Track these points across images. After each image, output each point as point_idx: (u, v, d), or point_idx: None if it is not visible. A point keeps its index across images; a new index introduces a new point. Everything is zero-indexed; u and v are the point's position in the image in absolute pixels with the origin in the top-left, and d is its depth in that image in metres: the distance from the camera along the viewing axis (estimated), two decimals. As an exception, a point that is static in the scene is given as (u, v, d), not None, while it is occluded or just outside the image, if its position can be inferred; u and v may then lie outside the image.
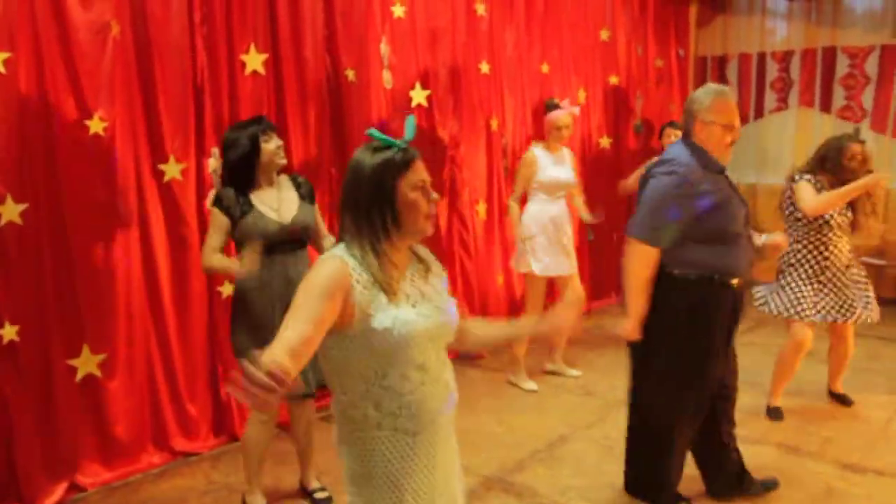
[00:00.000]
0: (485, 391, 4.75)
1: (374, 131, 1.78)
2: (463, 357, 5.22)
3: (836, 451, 3.79)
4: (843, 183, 3.89)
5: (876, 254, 6.72)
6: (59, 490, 3.36)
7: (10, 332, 3.18)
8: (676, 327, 2.96)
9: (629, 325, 2.96)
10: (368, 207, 1.69)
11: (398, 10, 4.66)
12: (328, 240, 3.23)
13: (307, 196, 3.17)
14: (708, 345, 3.00)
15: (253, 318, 3.02)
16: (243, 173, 3.02)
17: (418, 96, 4.82)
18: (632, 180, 5.17)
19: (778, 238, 3.28)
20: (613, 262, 4.71)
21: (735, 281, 2.96)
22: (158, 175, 3.63)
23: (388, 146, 1.73)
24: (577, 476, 3.57)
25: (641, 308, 2.94)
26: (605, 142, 6.54)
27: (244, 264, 2.89)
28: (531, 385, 4.78)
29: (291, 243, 3.08)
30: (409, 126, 1.80)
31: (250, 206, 3.00)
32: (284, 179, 3.15)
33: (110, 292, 3.48)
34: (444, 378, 1.81)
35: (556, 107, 4.68)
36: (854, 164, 3.96)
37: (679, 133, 5.42)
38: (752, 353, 5.27)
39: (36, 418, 3.29)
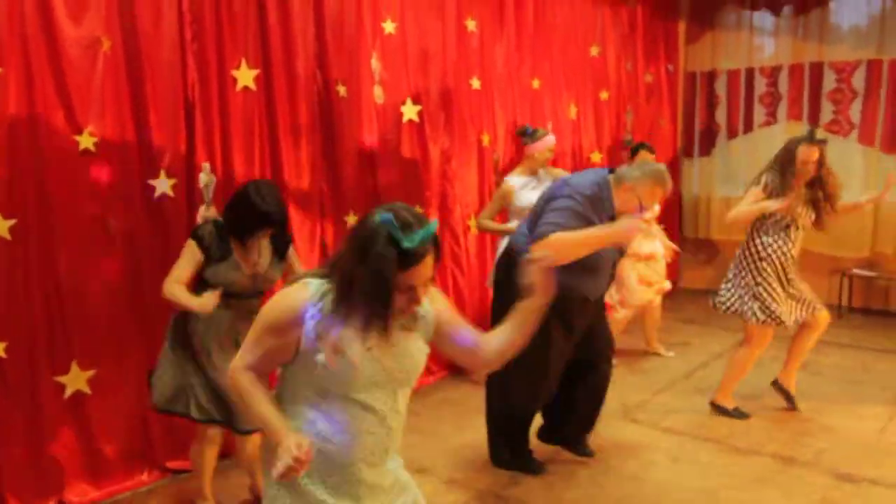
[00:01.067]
0: (477, 405, 4.70)
1: (388, 219, 1.71)
2: (454, 371, 5.20)
3: (831, 461, 3.78)
4: (807, 185, 4.09)
5: (866, 265, 6.76)
6: (47, 509, 3.31)
7: (-3, 348, 3.15)
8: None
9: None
10: (359, 290, 1.71)
11: (389, 27, 4.68)
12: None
13: (280, 252, 3.24)
14: (548, 340, 3.32)
15: (190, 348, 3.11)
16: (241, 232, 3.08)
17: (409, 112, 4.84)
18: None
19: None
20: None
21: (586, 298, 3.47)
22: (149, 190, 3.61)
23: (397, 243, 1.69)
24: (571, 489, 3.54)
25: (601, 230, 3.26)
26: (597, 157, 6.57)
27: (204, 306, 2.95)
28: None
29: (251, 293, 3.18)
30: (429, 230, 1.73)
31: (229, 252, 3.08)
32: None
33: (99, 308, 3.46)
34: (391, 426, 1.87)
35: (534, 135, 4.74)
36: (809, 166, 4.02)
37: (653, 157, 5.53)
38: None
39: (23, 435, 3.25)
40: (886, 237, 6.67)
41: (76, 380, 3.40)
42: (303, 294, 1.79)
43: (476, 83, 5.33)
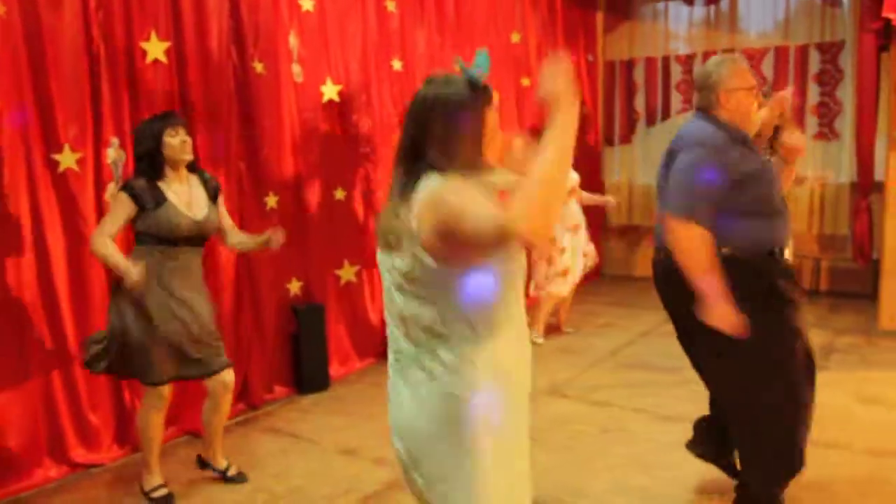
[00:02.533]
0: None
1: (462, 64, 1.77)
2: (382, 357, 5.12)
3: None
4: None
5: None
6: (-57, 508, 3.07)
7: None
8: (749, 312, 2.54)
9: (719, 313, 2.52)
10: (464, 137, 1.72)
11: (307, 4, 4.57)
12: (237, 235, 3.35)
13: (214, 195, 3.23)
14: (787, 323, 2.70)
15: (145, 307, 3.01)
16: (150, 166, 3.04)
17: (330, 91, 4.73)
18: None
19: (795, 138, 3.21)
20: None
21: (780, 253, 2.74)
22: (52, 165, 3.40)
23: (472, 80, 1.75)
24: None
25: (718, 288, 2.52)
26: (519, 143, 6.57)
27: (137, 275, 2.88)
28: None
29: (197, 240, 3.14)
30: (484, 60, 1.78)
31: (164, 198, 3.02)
32: (192, 177, 3.18)
33: (1, 289, 3.23)
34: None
35: None
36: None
37: None
38: (671, 343, 5.37)
39: (-86, 429, 3.01)
40: (798, 217, 6.92)
41: (-27, 367, 3.17)
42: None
43: (397, 64, 5.27)
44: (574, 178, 5.69)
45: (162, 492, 3.20)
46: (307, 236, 4.67)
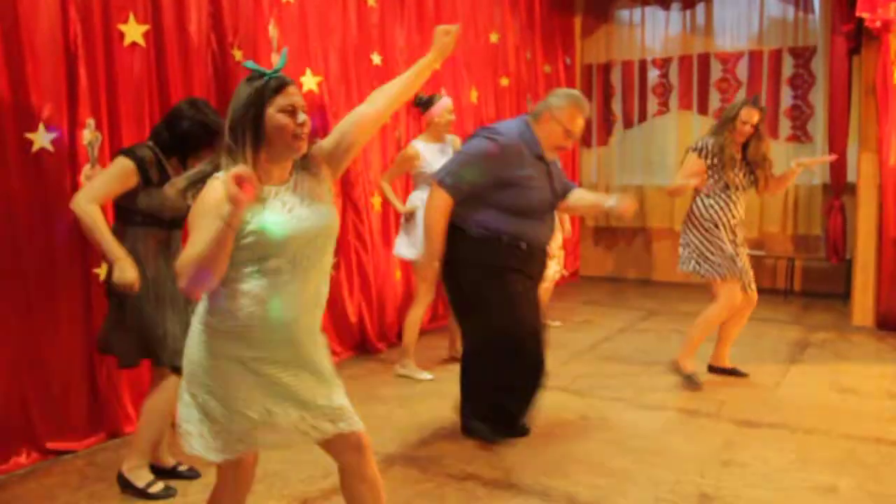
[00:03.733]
0: (385, 381, 4.61)
1: (249, 63, 2.02)
2: (360, 352, 5.11)
3: (732, 411, 3.88)
4: (736, 146, 4.15)
5: (754, 246, 7.08)
6: None
7: None
8: (479, 280, 3.33)
9: (426, 264, 3.47)
10: (242, 130, 1.89)
11: (287, -6, 4.57)
12: None
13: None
14: (511, 291, 3.33)
15: (155, 285, 2.95)
16: (180, 146, 2.98)
17: (309, 82, 4.72)
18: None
19: (625, 203, 3.38)
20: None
21: (524, 245, 3.33)
22: (26, 145, 3.34)
23: (261, 75, 1.94)
24: (483, 448, 3.47)
25: (437, 250, 3.34)
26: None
27: (132, 275, 2.82)
28: (425, 375, 4.64)
29: (182, 224, 3.04)
30: (282, 57, 2.04)
31: (167, 176, 2.92)
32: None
33: (-31, 271, 3.16)
34: (316, 280, 2.00)
35: (430, 101, 4.66)
36: (747, 126, 4.13)
37: None
38: (647, 339, 5.42)
39: None
40: (772, 218, 7.02)
41: (-59, 348, 3.09)
42: (218, 181, 1.87)
43: (377, 58, 5.27)
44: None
45: (159, 486, 3.03)
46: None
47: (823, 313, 6.21)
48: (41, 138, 3.36)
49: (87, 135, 3.53)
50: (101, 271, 3.59)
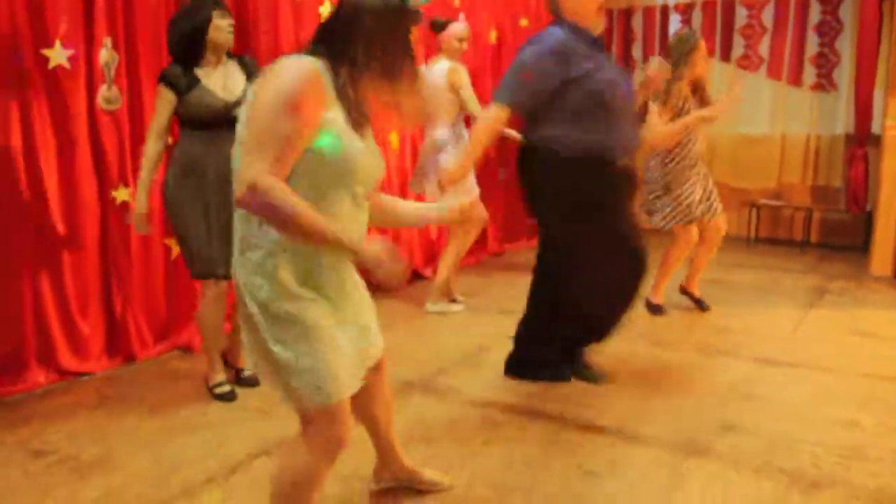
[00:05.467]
0: (404, 315, 4.59)
1: None
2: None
3: (750, 351, 3.84)
4: (688, 80, 4.16)
5: (773, 196, 6.98)
6: (-73, 405, 2.98)
7: None
8: (577, 209, 3.00)
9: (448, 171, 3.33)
10: (368, 49, 1.67)
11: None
12: None
13: (253, 75, 3.11)
14: (613, 220, 3.05)
15: (194, 197, 3.04)
16: (191, 49, 3.01)
17: (328, 11, 4.60)
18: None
19: (653, 65, 3.28)
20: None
21: (620, 161, 3.01)
22: (42, 61, 3.28)
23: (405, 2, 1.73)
24: (500, 377, 3.46)
25: (461, 174, 3.26)
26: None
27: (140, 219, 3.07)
28: (457, 307, 4.70)
29: (234, 122, 2.91)
30: None
31: (196, 80, 3.01)
32: (231, 62, 3.15)
33: (-15, 186, 3.12)
34: (363, 220, 1.82)
35: (445, 24, 4.53)
36: (705, 61, 4.19)
37: None
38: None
39: None
40: (792, 168, 6.91)
41: (-41, 263, 3.07)
42: (316, 69, 1.62)
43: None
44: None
45: (225, 388, 3.22)
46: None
47: (841, 263, 6.13)
48: (58, 55, 3.30)
49: (105, 55, 3.47)
50: (118, 194, 3.55)
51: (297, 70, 1.58)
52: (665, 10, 7.42)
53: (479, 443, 2.77)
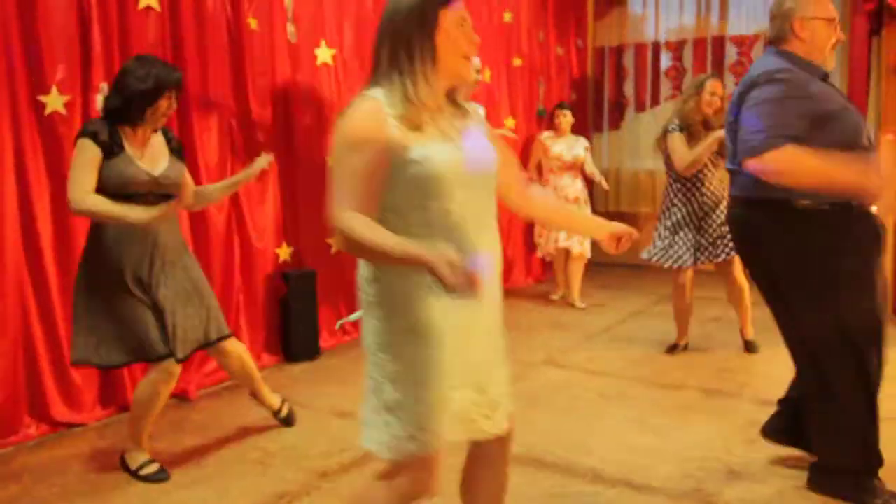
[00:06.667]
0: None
1: None
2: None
3: (753, 392, 3.80)
4: (703, 123, 4.19)
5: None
6: (-85, 461, 2.90)
7: None
8: (822, 272, 2.47)
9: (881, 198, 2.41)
10: (407, 38, 1.61)
11: (301, -37, 4.47)
12: (198, 193, 3.06)
13: (177, 151, 2.95)
14: (864, 283, 2.51)
15: (107, 271, 2.76)
16: (127, 111, 2.74)
17: (324, 55, 4.62)
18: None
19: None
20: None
21: (874, 207, 2.51)
22: (39, 107, 3.26)
23: None
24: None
25: (860, 170, 2.31)
26: (510, 122, 6.52)
27: (146, 213, 2.66)
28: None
29: (154, 198, 2.79)
30: None
31: (121, 147, 2.74)
32: (156, 134, 2.89)
33: (-21, 235, 3.07)
34: (487, 225, 1.72)
35: None
36: (715, 98, 4.21)
37: (569, 112, 5.78)
38: (661, 322, 5.34)
39: None
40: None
41: (-49, 314, 3.01)
42: (373, 100, 1.61)
43: (392, 33, 5.16)
44: (579, 153, 5.72)
45: (153, 467, 2.92)
46: (298, 201, 4.55)
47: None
48: (54, 101, 3.28)
49: (101, 100, 3.44)
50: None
51: (352, 109, 1.62)
52: (656, 48, 7.49)
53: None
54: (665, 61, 7.48)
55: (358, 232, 1.52)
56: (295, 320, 4.39)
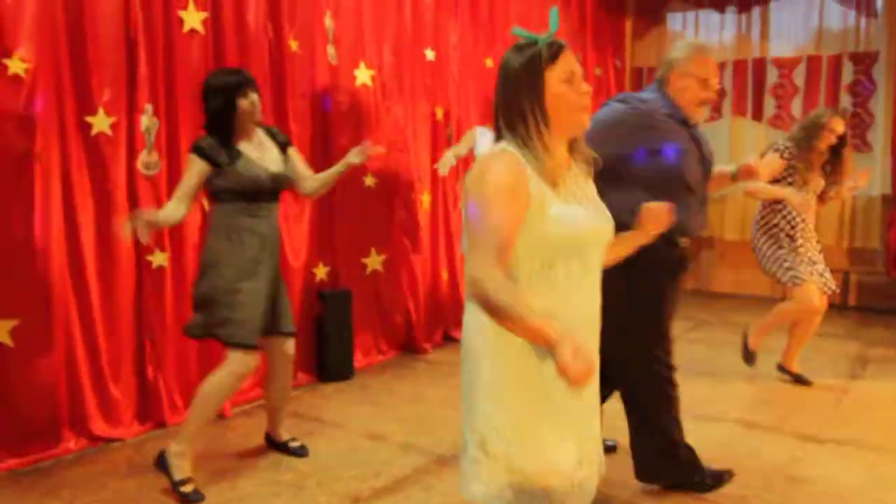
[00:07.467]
0: (429, 379, 4.52)
1: (518, 29, 1.71)
2: (406, 350, 5.04)
3: (795, 425, 3.72)
4: (816, 153, 4.17)
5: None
6: (-42, 473, 2.95)
7: None
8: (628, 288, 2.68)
9: None
10: (518, 104, 1.63)
11: (343, -15, 4.52)
12: (314, 179, 3.28)
13: (284, 147, 3.19)
14: (660, 306, 2.84)
15: (243, 261, 2.99)
16: (225, 124, 2.99)
17: (363, 75, 4.66)
18: None
19: (750, 161, 3.16)
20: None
21: (684, 240, 2.82)
22: (85, 128, 3.32)
23: (534, 42, 1.66)
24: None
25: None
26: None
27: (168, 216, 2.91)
28: None
29: (274, 194, 3.11)
30: (553, 18, 1.71)
31: (238, 153, 2.99)
32: (261, 133, 3.13)
33: (26, 253, 3.13)
34: (596, 287, 1.72)
35: None
36: (833, 135, 4.15)
37: None
38: (699, 349, 5.27)
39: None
40: (827, 229, 6.80)
41: (-4, 328, 3.07)
42: (511, 154, 1.62)
43: (430, 54, 5.19)
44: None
45: (189, 486, 2.92)
46: (335, 221, 4.57)
47: (882, 328, 5.98)
48: (101, 122, 3.35)
49: (145, 121, 3.51)
50: (154, 258, 3.56)
51: (491, 162, 1.62)
52: (695, 69, 7.42)
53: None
54: (704, 83, 7.40)
55: (493, 292, 1.46)
56: (329, 340, 4.41)
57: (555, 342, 1.35)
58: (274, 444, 3.40)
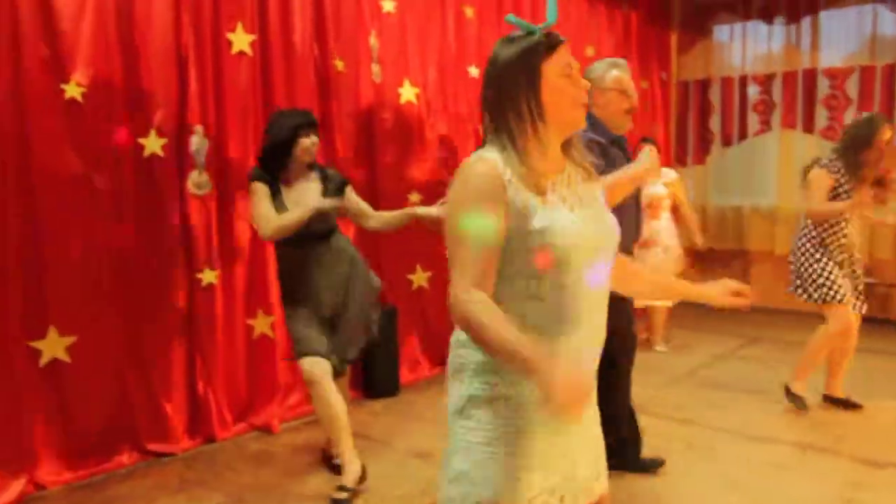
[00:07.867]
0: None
1: (512, 17, 1.58)
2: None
3: (851, 447, 3.60)
4: (864, 166, 3.89)
5: (864, 273, 6.65)
6: (16, 487, 3.02)
7: (-32, 305, 2.90)
8: None
9: None
10: (512, 99, 1.49)
11: (388, 5, 4.56)
12: (376, 218, 3.37)
13: (333, 190, 3.20)
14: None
15: (302, 294, 3.15)
16: (276, 161, 3.09)
17: (407, 93, 4.69)
18: None
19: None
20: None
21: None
22: (138, 149, 3.41)
23: (530, 32, 1.52)
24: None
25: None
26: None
27: (318, 202, 3.04)
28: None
29: (313, 233, 3.11)
30: (552, 7, 1.55)
31: (279, 192, 3.09)
32: (313, 173, 3.20)
33: (81, 271, 3.22)
34: (600, 301, 1.55)
35: None
36: (885, 146, 3.92)
37: (655, 147, 5.68)
38: (750, 367, 5.15)
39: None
40: (883, 243, 6.61)
41: (54, 346, 3.16)
42: (487, 161, 1.46)
43: (474, 71, 5.21)
44: (661, 191, 5.51)
45: (342, 493, 3.00)
46: (380, 237, 4.59)
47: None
48: (152, 144, 3.43)
49: (196, 141, 3.59)
50: (204, 276, 3.62)
51: (464, 174, 1.48)
52: (743, 81, 7.31)
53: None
54: (753, 95, 7.29)
55: (475, 317, 1.34)
56: (375, 356, 4.42)
57: (542, 372, 1.23)
58: (329, 462, 3.38)
